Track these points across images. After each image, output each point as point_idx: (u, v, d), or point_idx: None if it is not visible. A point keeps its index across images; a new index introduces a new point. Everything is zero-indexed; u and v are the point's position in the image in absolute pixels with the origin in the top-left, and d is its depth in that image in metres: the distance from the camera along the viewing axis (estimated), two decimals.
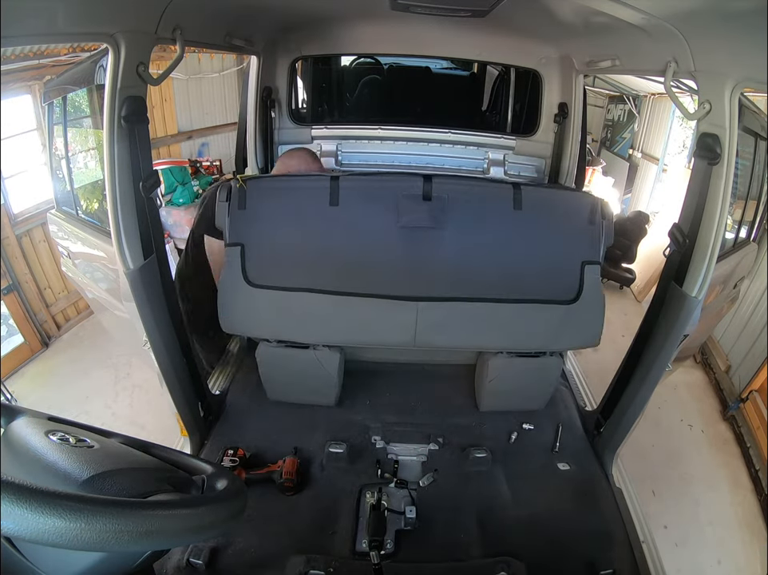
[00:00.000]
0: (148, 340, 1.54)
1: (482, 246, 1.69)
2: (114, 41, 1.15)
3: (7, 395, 3.18)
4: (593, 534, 1.57)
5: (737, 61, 1.14)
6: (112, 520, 0.52)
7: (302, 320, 1.76)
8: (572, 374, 2.39)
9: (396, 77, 3.49)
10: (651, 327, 1.61)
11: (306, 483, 1.73)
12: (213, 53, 5.54)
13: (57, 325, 4.16)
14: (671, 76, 1.34)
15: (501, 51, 2.38)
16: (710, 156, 1.29)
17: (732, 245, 1.86)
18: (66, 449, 0.70)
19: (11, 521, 0.48)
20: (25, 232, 3.77)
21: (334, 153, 2.57)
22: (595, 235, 1.66)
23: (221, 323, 1.76)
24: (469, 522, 1.61)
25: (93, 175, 1.90)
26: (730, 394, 3.45)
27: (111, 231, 1.37)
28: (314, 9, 2.03)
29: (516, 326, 1.75)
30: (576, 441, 1.96)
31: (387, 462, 1.81)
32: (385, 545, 1.48)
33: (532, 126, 2.52)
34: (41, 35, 1.02)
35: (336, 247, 1.68)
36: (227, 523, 0.67)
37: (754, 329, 3.37)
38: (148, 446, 0.87)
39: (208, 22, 1.58)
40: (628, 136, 6.85)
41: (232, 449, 1.75)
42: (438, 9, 1.68)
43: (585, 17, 1.56)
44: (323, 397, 2.04)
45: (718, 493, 2.84)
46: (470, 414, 2.07)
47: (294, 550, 1.45)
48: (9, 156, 3.59)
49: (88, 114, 1.94)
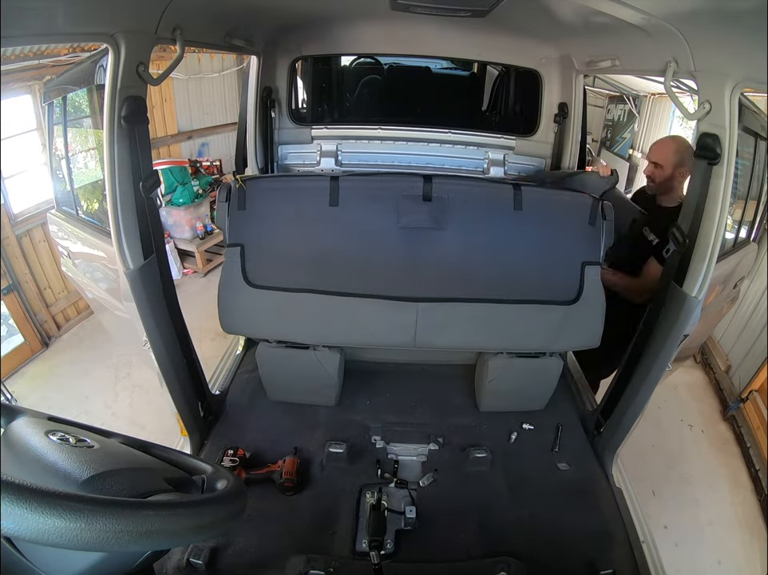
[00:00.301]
0: (148, 340, 1.54)
1: (482, 246, 1.69)
2: (114, 41, 1.15)
3: (7, 395, 3.18)
4: (593, 534, 1.57)
5: (737, 61, 1.14)
6: (112, 520, 0.52)
7: (302, 321, 1.76)
8: (572, 375, 2.39)
9: (396, 77, 3.49)
10: (651, 327, 1.61)
11: (306, 483, 1.73)
12: (213, 53, 5.54)
13: (57, 325, 4.16)
14: (671, 76, 1.34)
15: (501, 51, 2.38)
16: (710, 156, 1.29)
17: (732, 245, 1.85)
18: (66, 449, 0.70)
19: (11, 521, 0.48)
20: (25, 232, 3.77)
21: (334, 153, 2.57)
22: (596, 236, 1.66)
23: (221, 324, 1.76)
24: (469, 522, 1.61)
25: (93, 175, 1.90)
26: (730, 394, 3.45)
27: (111, 231, 1.37)
28: (314, 9, 2.03)
29: (516, 326, 1.75)
30: (576, 441, 1.96)
31: (387, 462, 1.81)
32: (385, 545, 1.48)
33: (532, 126, 2.52)
34: (41, 35, 1.02)
35: (336, 248, 1.68)
36: (227, 523, 0.67)
37: (754, 329, 3.37)
38: (148, 446, 0.87)
39: (208, 22, 1.58)
40: (628, 136, 6.85)
41: (232, 449, 1.75)
42: (438, 9, 1.68)
43: (585, 17, 1.56)
44: (323, 397, 2.04)
45: (718, 493, 2.84)
46: (470, 414, 2.07)
47: (294, 550, 1.45)
48: (10, 156, 3.59)
49: (88, 114, 1.94)
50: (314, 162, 2.59)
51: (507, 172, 2.58)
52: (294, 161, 2.60)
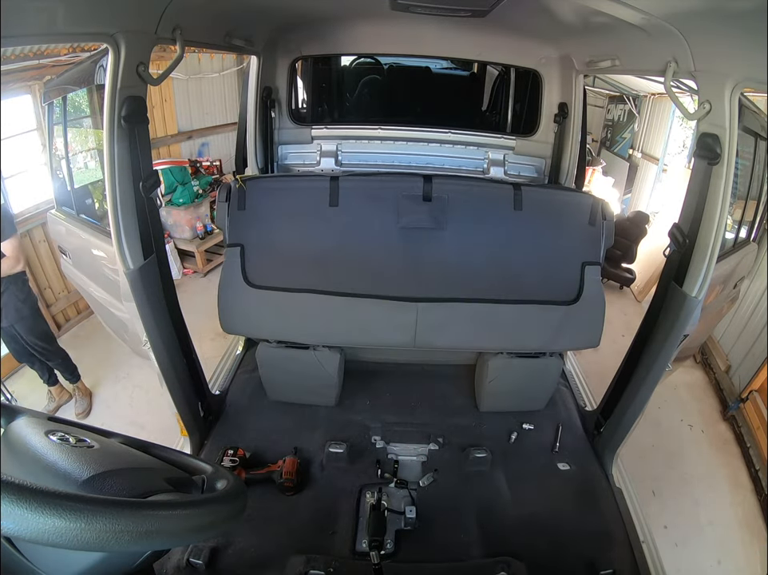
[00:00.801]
0: (148, 340, 1.54)
1: (482, 246, 1.69)
2: (114, 41, 1.15)
3: (7, 395, 3.17)
4: (593, 534, 1.57)
5: (737, 61, 1.14)
6: (112, 520, 0.52)
7: (302, 321, 1.76)
8: (572, 374, 2.39)
9: (396, 77, 3.49)
10: (651, 327, 1.61)
11: (306, 483, 1.73)
12: (213, 53, 5.53)
13: (57, 325, 4.15)
14: (671, 76, 1.33)
15: (501, 51, 2.38)
16: (710, 156, 1.28)
17: (732, 245, 1.86)
18: (66, 449, 0.70)
19: (11, 521, 0.48)
20: (25, 232, 3.77)
21: (334, 153, 2.57)
22: (596, 236, 1.66)
23: (221, 324, 1.76)
24: (469, 522, 1.61)
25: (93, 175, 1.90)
26: (730, 394, 3.45)
27: (111, 231, 1.37)
28: (314, 9, 2.03)
29: (516, 327, 1.75)
30: (576, 441, 1.96)
31: (387, 462, 1.81)
32: (385, 545, 1.48)
33: (532, 126, 2.52)
34: (41, 35, 1.02)
35: (336, 248, 1.68)
36: (227, 523, 0.67)
37: (754, 329, 3.37)
38: (148, 446, 0.87)
39: (208, 22, 1.58)
40: (628, 136, 6.84)
41: (232, 449, 1.75)
42: (438, 9, 1.68)
43: (585, 17, 1.56)
44: (323, 397, 2.04)
45: (718, 493, 2.84)
46: (470, 414, 2.07)
47: (294, 550, 1.46)
48: (10, 156, 3.59)
49: (88, 114, 1.94)
50: (314, 162, 2.59)
51: (507, 172, 2.58)
52: (295, 161, 2.60)
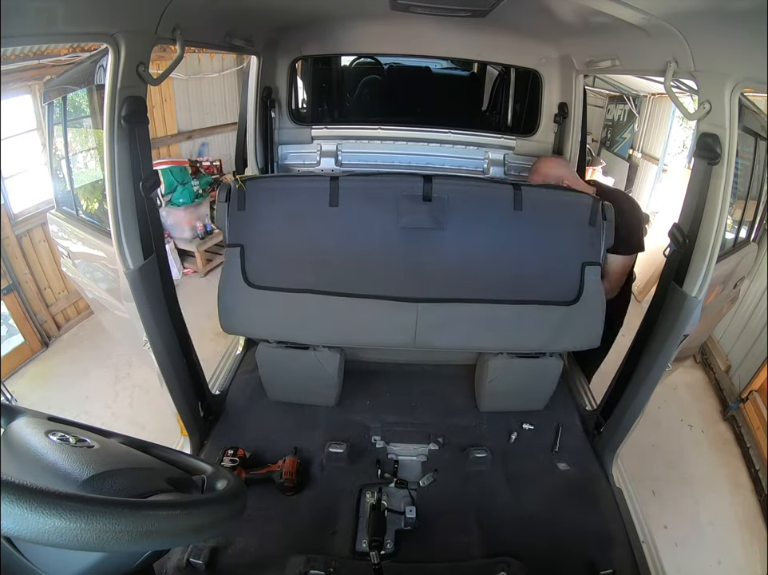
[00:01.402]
0: (148, 340, 1.54)
1: (482, 247, 1.69)
2: (114, 41, 1.15)
3: (7, 395, 3.17)
4: (593, 534, 1.57)
5: (737, 61, 1.14)
6: (112, 520, 0.52)
7: (302, 321, 1.76)
8: (572, 374, 2.39)
9: (396, 77, 3.49)
10: (651, 327, 1.61)
11: (306, 483, 1.73)
12: (213, 53, 5.53)
13: (57, 325, 4.16)
14: (671, 76, 1.33)
15: (501, 51, 2.38)
16: (710, 156, 1.28)
17: (732, 245, 1.85)
18: (66, 449, 0.70)
19: (11, 521, 0.48)
20: (25, 232, 3.77)
21: (334, 153, 2.57)
22: (596, 236, 1.66)
23: (221, 324, 1.76)
24: (469, 522, 1.61)
25: (93, 175, 1.90)
26: (730, 394, 3.45)
27: (111, 231, 1.37)
28: (314, 9, 2.03)
29: (516, 327, 1.75)
30: (576, 441, 1.96)
31: (387, 462, 1.81)
32: (385, 545, 1.48)
33: (532, 126, 2.52)
34: (41, 35, 1.02)
35: (336, 248, 1.68)
36: (227, 523, 0.67)
37: (754, 329, 3.37)
38: (148, 446, 0.87)
39: (208, 22, 1.58)
40: (628, 136, 6.84)
41: (232, 449, 1.75)
42: (438, 9, 1.68)
43: (585, 17, 1.56)
44: (323, 397, 2.04)
45: (718, 493, 2.84)
46: (470, 414, 2.07)
47: (294, 550, 1.45)
48: (10, 156, 3.59)
49: (88, 114, 1.94)
50: (314, 162, 2.59)
51: (507, 172, 2.58)
52: (294, 161, 2.60)
